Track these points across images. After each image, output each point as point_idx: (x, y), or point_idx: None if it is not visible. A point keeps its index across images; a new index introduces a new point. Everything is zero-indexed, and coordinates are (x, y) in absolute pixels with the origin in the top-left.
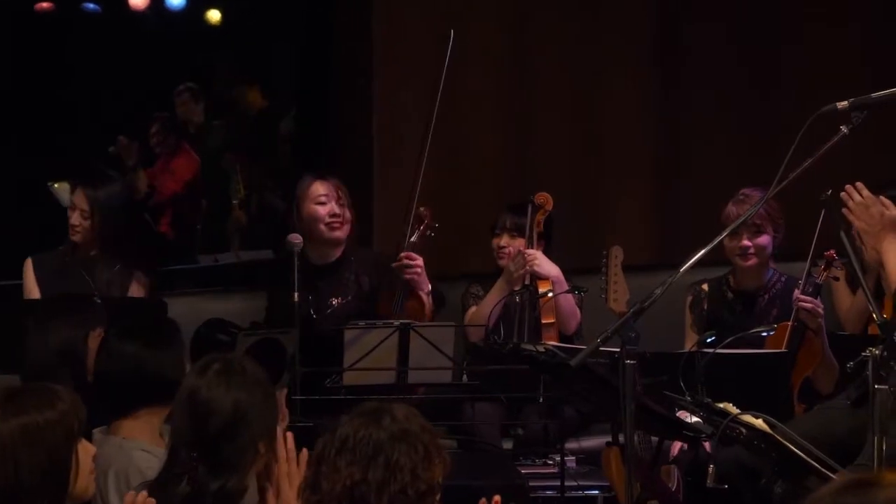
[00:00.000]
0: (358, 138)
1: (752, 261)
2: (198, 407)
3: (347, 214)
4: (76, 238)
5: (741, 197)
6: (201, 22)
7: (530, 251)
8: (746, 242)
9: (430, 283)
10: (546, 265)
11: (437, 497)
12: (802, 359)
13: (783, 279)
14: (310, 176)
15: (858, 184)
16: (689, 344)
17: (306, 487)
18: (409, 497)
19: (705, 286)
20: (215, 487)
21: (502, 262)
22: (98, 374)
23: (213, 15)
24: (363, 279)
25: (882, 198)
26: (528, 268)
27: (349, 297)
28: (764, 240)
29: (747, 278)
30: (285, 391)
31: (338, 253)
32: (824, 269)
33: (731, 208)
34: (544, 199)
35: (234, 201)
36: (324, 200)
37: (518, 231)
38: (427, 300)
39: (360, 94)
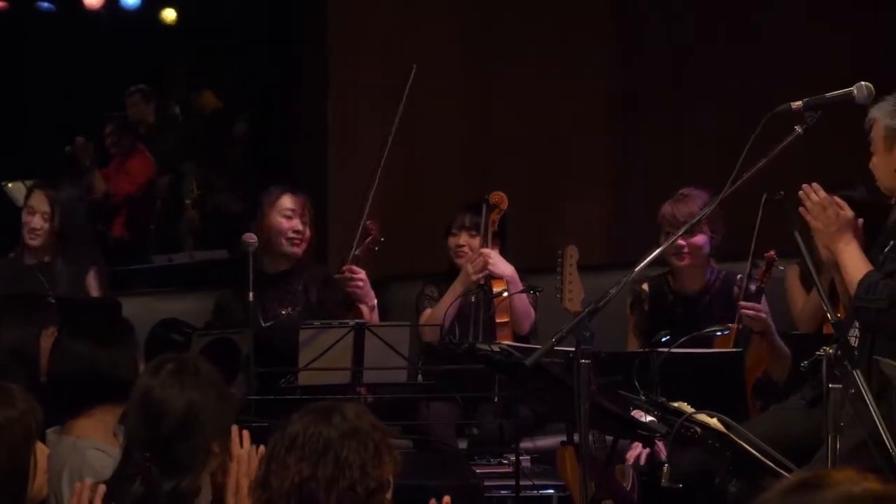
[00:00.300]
0: (312, 141)
1: (686, 261)
2: (151, 407)
3: (308, 233)
4: (35, 242)
5: (679, 196)
6: (157, 21)
7: (485, 251)
8: (681, 242)
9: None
10: (501, 265)
11: (387, 495)
12: (751, 361)
13: (722, 276)
14: (280, 187)
15: (815, 184)
16: (632, 346)
17: (257, 486)
18: (357, 494)
19: (645, 286)
20: (168, 488)
21: (460, 261)
22: (51, 374)
23: (169, 14)
24: (311, 291)
25: (836, 198)
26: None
27: (297, 308)
28: (699, 239)
29: (686, 279)
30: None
31: (290, 264)
32: (765, 272)
33: (667, 208)
34: (499, 198)
35: (188, 201)
36: (290, 215)
37: (476, 230)
38: (371, 314)
39: (315, 97)
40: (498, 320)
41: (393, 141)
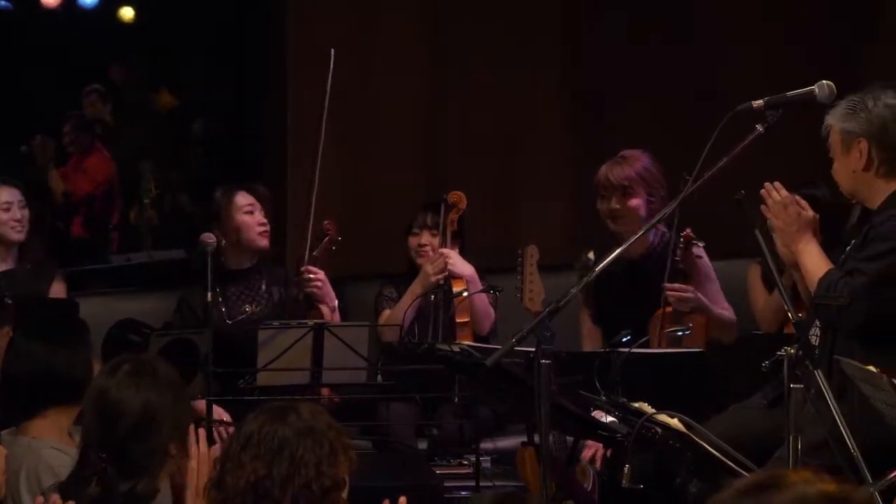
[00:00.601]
0: (271, 140)
1: (621, 224)
2: (107, 408)
3: (267, 224)
4: (20, 235)
5: (619, 158)
6: (114, 20)
7: (444, 251)
8: (615, 205)
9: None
10: (460, 265)
11: (343, 493)
12: (687, 339)
13: (666, 238)
14: (231, 187)
15: (776, 183)
16: (585, 321)
17: (212, 486)
18: (313, 492)
19: (591, 254)
20: (125, 489)
21: (421, 261)
22: (6, 374)
23: (127, 13)
24: (273, 290)
25: (798, 197)
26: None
27: (262, 307)
28: (634, 202)
29: (633, 244)
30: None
31: (253, 261)
32: (685, 250)
33: (603, 169)
34: (457, 197)
35: (146, 200)
36: (250, 210)
37: (437, 229)
38: (332, 315)
39: (273, 96)
40: (458, 320)
41: (351, 140)
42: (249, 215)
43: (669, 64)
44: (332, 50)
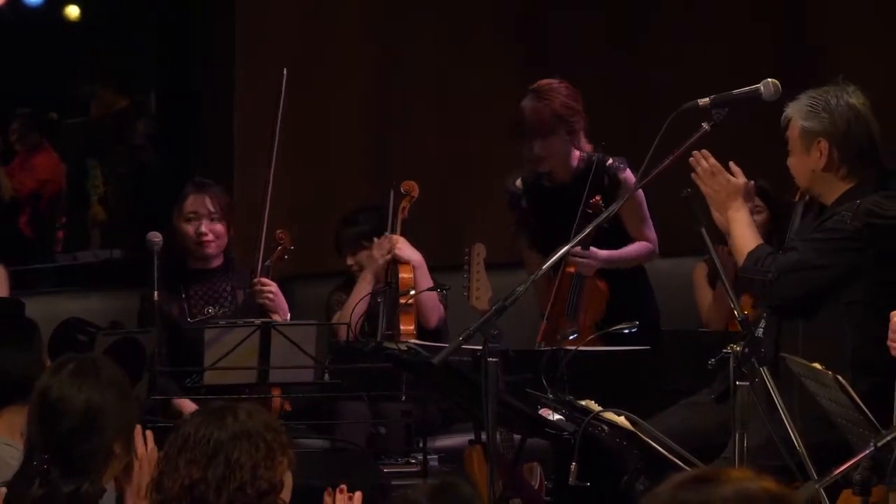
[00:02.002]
0: (217, 139)
1: (544, 164)
2: (49, 407)
3: (219, 228)
4: None
5: (533, 94)
6: (60, 18)
7: (393, 235)
8: (538, 150)
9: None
10: (407, 250)
11: (280, 495)
12: (587, 304)
13: (593, 159)
14: (188, 188)
15: (704, 151)
16: (522, 249)
17: (152, 488)
18: (248, 495)
19: (518, 182)
20: (68, 490)
21: (368, 253)
22: None
23: (72, 11)
24: (238, 293)
25: (732, 164)
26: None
27: (225, 309)
28: (556, 144)
29: (557, 173)
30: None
31: (217, 262)
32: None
33: (525, 105)
34: (410, 186)
35: (94, 197)
36: (191, 217)
37: (361, 238)
38: None
39: (221, 92)
40: (403, 314)
41: (300, 137)
42: (188, 223)
43: (623, 63)
44: (285, 70)
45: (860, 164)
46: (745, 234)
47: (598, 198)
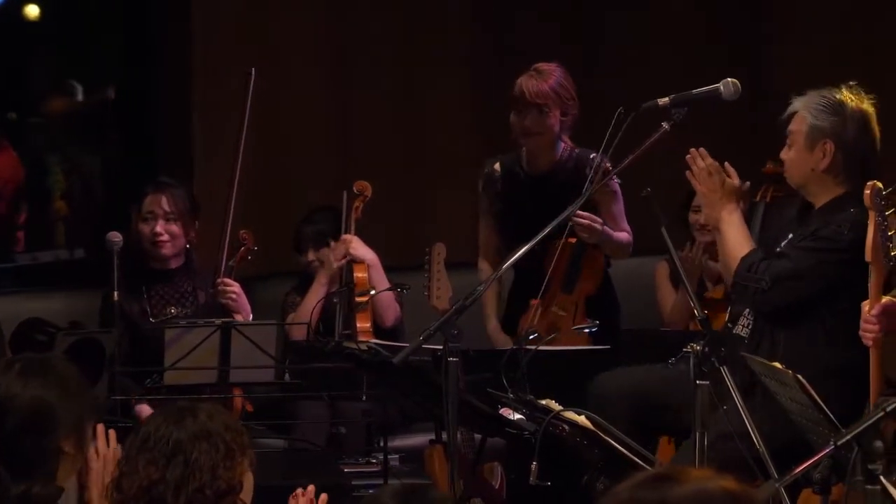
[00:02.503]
0: (177, 138)
1: (534, 141)
2: None
3: (174, 229)
4: None
5: (533, 73)
6: (19, 17)
7: (347, 236)
8: (529, 123)
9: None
10: (362, 249)
11: (240, 496)
12: (586, 276)
13: (575, 154)
14: (149, 188)
15: (702, 149)
16: (483, 230)
17: (113, 488)
18: (206, 496)
19: (497, 166)
20: (18, 492)
21: (324, 252)
22: None
23: (31, 11)
24: (200, 294)
25: (727, 165)
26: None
27: (188, 309)
28: (550, 121)
29: (537, 158)
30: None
31: (178, 262)
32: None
33: (519, 83)
34: (363, 186)
35: (56, 192)
36: (148, 217)
37: (321, 238)
38: None
39: (180, 92)
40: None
41: (257, 137)
42: (145, 223)
43: (581, 65)
44: (253, 70)
45: (859, 171)
46: (738, 238)
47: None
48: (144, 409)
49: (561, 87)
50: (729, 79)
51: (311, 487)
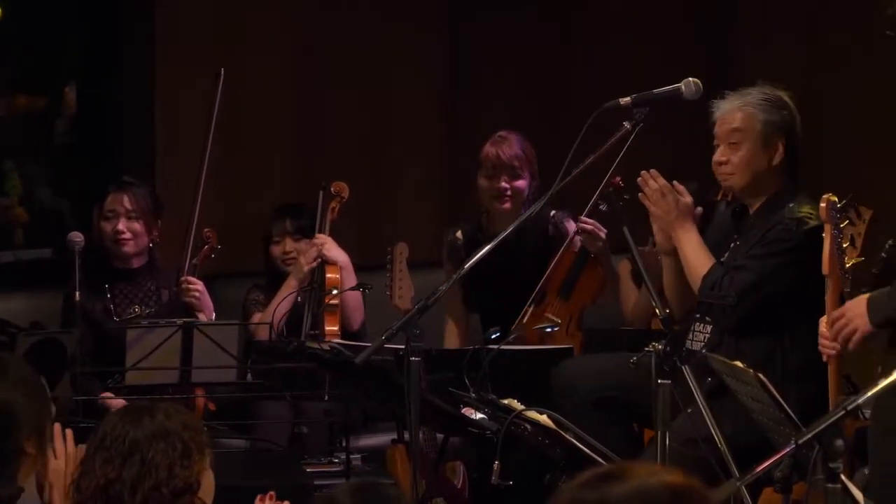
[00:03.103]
0: (137, 137)
1: (508, 204)
2: None
3: (136, 227)
4: None
5: (499, 138)
6: None
7: (321, 236)
8: (504, 184)
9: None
10: (335, 250)
11: (198, 495)
12: (584, 286)
13: (533, 216)
14: (110, 187)
15: (653, 171)
16: (448, 294)
17: (73, 487)
18: (163, 495)
19: (459, 234)
20: None
21: (291, 268)
22: None
23: None
24: (164, 292)
25: (677, 184)
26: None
27: (151, 308)
28: (521, 184)
29: (502, 222)
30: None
31: (140, 261)
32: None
33: (490, 149)
34: (341, 187)
35: (14, 197)
36: (110, 216)
37: (300, 233)
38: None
39: (142, 92)
40: (328, 315)
41: (222, 137)
42: (107, 221)
43: (548, 64)
44: (223, 70)
45: (795, 167)
46: (697, 255)
47: (618, 178)
48: (114, 403)
49: (528, 151)
50: (690, 78)
51: (271, 493)
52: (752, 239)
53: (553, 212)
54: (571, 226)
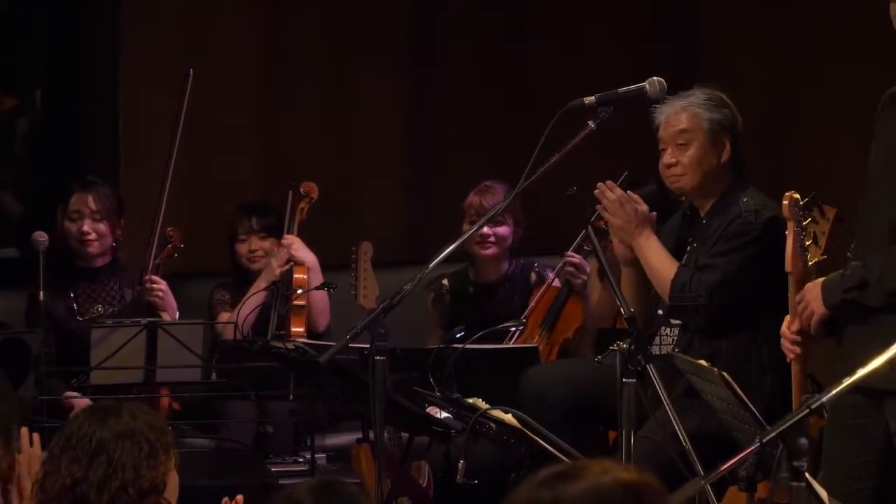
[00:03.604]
0: (101, 137)
1: (491, 250)
2: None
3: (102, 227)
4: None
5: (483, 187)
6: None
7: (289, 237)
8: (487, 231)
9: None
10: (303, 251)
11: (164, 495)
12: (564, 320)
13: (519, 265)
14: (73, 187)
15: (609, 182)
16: (437, 342)
17: (37, 488)
18: (129, 495)
19: (445, 282)
20: None
21: (257, 266)
22: None
23: None
24: (127, 292)
25: (632, 194)
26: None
27: (114, 308)
28: (504, 230)
29: (487, 269)
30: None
31: (104, 260)
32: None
33: (474, 198)
34: (310, 187)
35: None
36: (75, 217)
37: (266, 231)
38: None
39: (106, 94)
40: (294, 302)
41: (188, 136)
42: (72, 222)
43: (515, 63)
44: (191, 70)
45: (741, 165)
46: (661, 260)
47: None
48: (77, 402)
49: (512, 201)
50: (655, 77)
51: (239, 498)
52: (710, 239)
53: (535, 263)
54: (550, 274)
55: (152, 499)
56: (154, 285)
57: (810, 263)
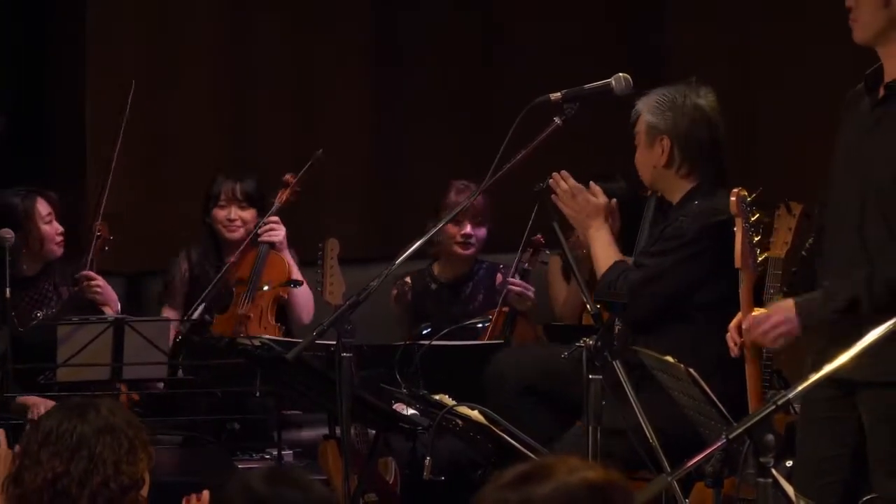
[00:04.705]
0: (68, 140)
1: (472, 250)
2: None
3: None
4: None
5: (463, 186)
6: None
7: (273, 218)
8: (469, 231)
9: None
10: (285, 242)
11: (142, 492)
12: (518, 341)
13: (485, 265)
14: (31, 195)
15: (563, 172)
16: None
17: (9, 482)
18: (111, 490)
19: (408, 279)
20: None
21: (232, 236)
22: None
23: None
24: (62, 290)
25: (592, 184)
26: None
27: (51, 309)
28: (482, 232)
29: (455, 267)
30: None
31: (41, 266)
32: (532, 255)
33: (455, 197)
34: (294, 178)
35: None
36: (49, 220)
37: (248, 201)
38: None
39: (72, 98)
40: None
41: (147, 134)
42: (49, 225)
43: (477, 61)
44: (134, 82)
45: (701, 163)
46: (604, 253)
47: (540, 237)
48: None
49: (488, 202)
50: (621, 74)
51: (205, 493)
52: (655, 234)
53: (501, 265)
54: (546, 259)
55: (132, 494)
56: (91, 282)
57: (760, 259)
